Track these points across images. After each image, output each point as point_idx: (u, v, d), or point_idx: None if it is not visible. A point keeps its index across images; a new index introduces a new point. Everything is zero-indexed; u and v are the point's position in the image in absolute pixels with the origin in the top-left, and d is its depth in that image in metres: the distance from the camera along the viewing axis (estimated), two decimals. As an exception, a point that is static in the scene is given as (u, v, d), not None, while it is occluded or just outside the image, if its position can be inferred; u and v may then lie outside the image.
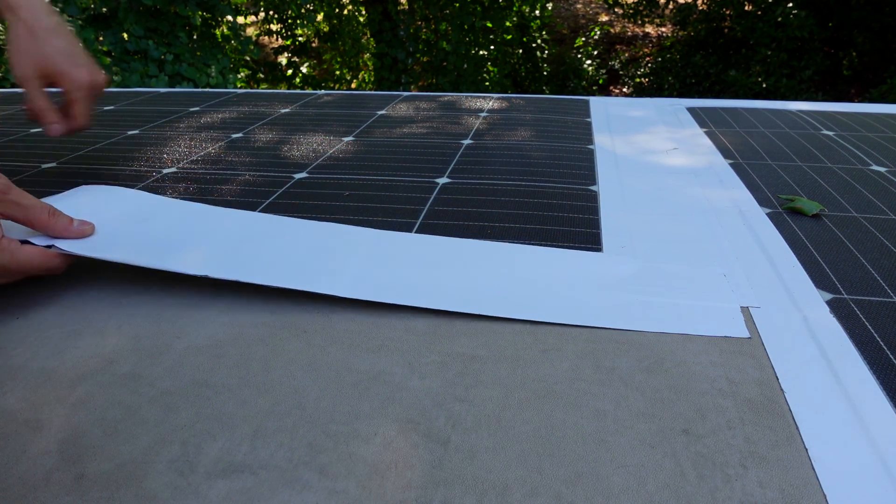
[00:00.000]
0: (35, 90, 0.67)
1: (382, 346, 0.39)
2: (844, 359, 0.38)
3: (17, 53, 0.65)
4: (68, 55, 0.67)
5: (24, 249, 0.43)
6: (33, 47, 0.65)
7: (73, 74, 0.68)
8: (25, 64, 0.65)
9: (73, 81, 0.68)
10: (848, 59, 5.91)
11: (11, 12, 0.65)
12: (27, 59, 0.65)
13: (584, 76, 6.74)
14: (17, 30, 0.65)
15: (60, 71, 0.67)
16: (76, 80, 0.68)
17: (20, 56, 0.65)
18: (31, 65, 0.65)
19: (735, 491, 0.29)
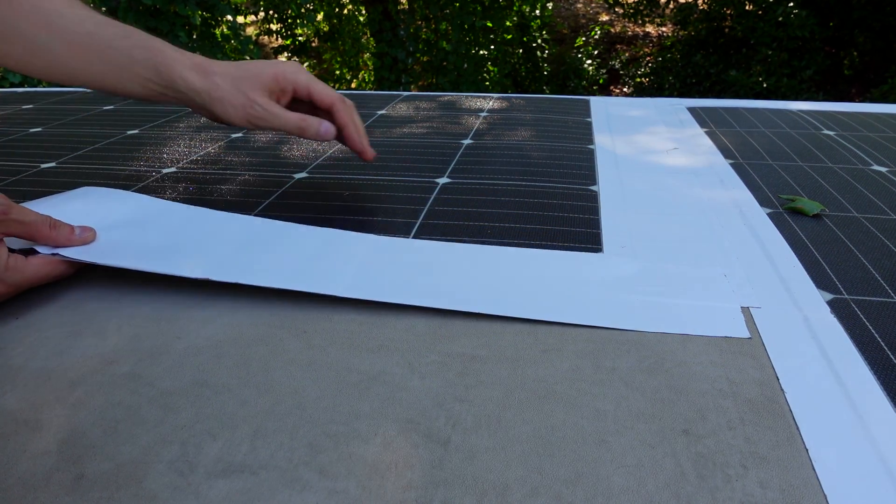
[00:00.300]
0: (272, 105, 0.56)
1: (382, 347, 0.39)
2: (845, 359, 0.38)
3: (226, 92, 0.55)
4: (286, 64, 0.58)
5: (30, 263, 0.44)
6: (239, 72, 0.56)
7: (318, 85, 0.58)
8: (245, 91, 0.55)
9: (322, 92, 0.58)
10: (849, 59, 5.91)
11: (173, 86, 0.55)
12: (245, 85, 0.55)
13: (584, 76, 6.74)
14: (200, 83, 0.55)
15: (297, 80, 0.58)
16: (324, 90, 0.59)
17: (231, 92, 0.55)
18: (257, 86, 0.55)
19: (735, 491, 0.29)
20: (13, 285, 0.43)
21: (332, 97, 0.59)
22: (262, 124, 0.55)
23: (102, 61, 0.54)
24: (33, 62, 0.55)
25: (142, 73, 0.54)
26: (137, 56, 0.54)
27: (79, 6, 0.55)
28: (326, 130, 0.57)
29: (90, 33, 0.54)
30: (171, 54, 0.55)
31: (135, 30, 0.55)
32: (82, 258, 0.46)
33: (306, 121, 0.56)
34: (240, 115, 0.55)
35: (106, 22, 0.55)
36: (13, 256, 0.44)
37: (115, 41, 0.54)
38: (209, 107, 0.55)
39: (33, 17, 0.53)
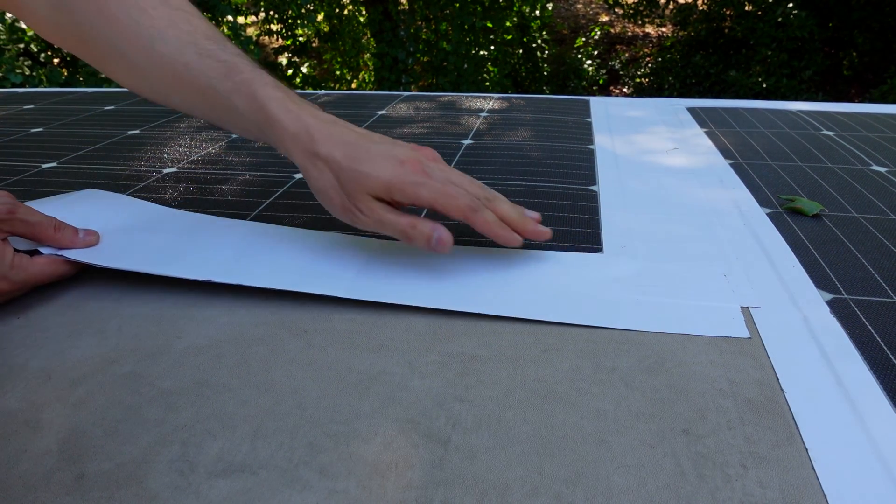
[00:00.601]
0: (376, 211, 0.43)
1: (383, 346, 0.39)
2: (845, 359, 0.38)
3: (327, 186, 0.44)
4: (406, 171, 0.43)
5: (34, 262, 0.45)
6: (348, 164, 0.43)
7: (443, 199, 0.43)
8: (350, 192, 0.43)
9: (448, 206, 0.43)
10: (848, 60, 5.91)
11: (286, 144, 0.45)
12: (351, 186, 0.43)
13: (584, 76, 6.74)
14: (302, 162, 0.45)
15: (417, 197, 0.43)
16: (450, 205, 0.43)
17: (332, 188, 0.44)
18: (365, 191, 0.43)
19: (735, 491, 0.29)
20: (17, 283, 0.44)
21: (461, 211, 0.43)
22: (363, 228, 0.45)
23: (203, 100, 0.47)
24: (139, 85, 0.49)
25: (242, 124, 0.47)
26: (239, 105, 0.46)
27: (183, 25, 0.47)
28: (439, 241, 0.43)
29: (188, 66, 0.46)
30: (276, 114, 0.44)
31: (236, 63, 0.46)
32: (85, 260, 0.46)
33: (416, 228, 0.43)
34: (338, 214, 0.45)
35: (208, 52, 0.46)
36: (18, 255, 0.44)
37: (216, 81, 0.46)
38: (309, 186, 0.46)
39: (132, 36, 0.46)
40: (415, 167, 0.43)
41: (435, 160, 0.46)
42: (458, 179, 0.45)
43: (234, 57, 0.47)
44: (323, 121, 0.45)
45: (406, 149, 0.45)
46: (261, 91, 0.45)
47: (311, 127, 0.44)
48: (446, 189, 0.43)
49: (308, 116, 0.45)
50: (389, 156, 0.43)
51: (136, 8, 0.46)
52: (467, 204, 0.43)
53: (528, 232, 0.46)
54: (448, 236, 0.43)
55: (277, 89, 0.46)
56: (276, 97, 0.45)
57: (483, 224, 0.44)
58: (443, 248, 0.43)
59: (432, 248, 0.43)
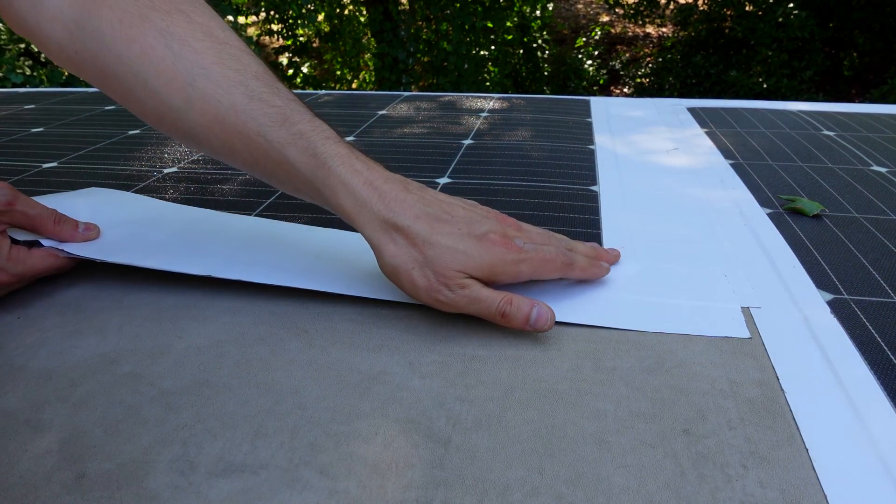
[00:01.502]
0: (468, 288, 0.39)
1: (383, 346, 0.39)
2: (845, 359, 0.38)
3: (408, 263, 0.39)
4: (502, 250, 0.40)
5: (33, 255, 0.45)
6: (436, 240, 0.39)
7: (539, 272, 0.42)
8: (438, 270, 0.39)
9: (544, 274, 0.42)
10: (848, 60, 5.91)
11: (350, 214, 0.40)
12: (437, 264, 0.39)
13: (584, 76, 6.73)
14: (375, 238, 0.40)
15: (518, 274, 0.41)
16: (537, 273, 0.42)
17: (414, 266, 0.39)
18: (457, 268, 0.39)
19: (736, 491, 0.29)
20: (16, 275, 0.44)
21: (560, 271, 0.42)
22: (446, 310, 0.40)
23: (249, 149, 0.40)
24: (172, 128, 0.42)
25: (295, 182, 0.41)
26: (294, 159, 0.39)
27: (230, 62, 0.40)
28: (539, 318, 0.39)
29: (235, 108, 0.39)
30: (341, 175, 0.39)
31: (292, 110, 0.40)
32: (85, 254, 0.46)
33: (513, 304, 0.39)
34: (420, 294, 0.39)
35: (260, 95, 0.40)
36: (15, 247, 0.44)
37: (268, 129, 0.39)
38: (379, 261, 0.40)
39: (169, 71, 0.39)
40: (506, 245, 0.40)
41: (517, 228, 0.43)
42: (540, 239, 0.43)
43: (288, 102, 0.41)
44: (397, 186, 0.40)
45: (490, 221, 0.41)
46: (322, 146, 0.39)
47: (385, 193, 0.39)
48: (541, 257, 0.41)
49: (380, 180, 0.40)
50: (480, 235, 0.40)
51: (177, 39, 0.40)
52: (563, 261, 0.42)
53: (611, 260, 0.48)
54: (548, 313, 0.39)
55: (340, 145, 0.40)
56: (340, 154, 0.40)
57: (581, 272, 0.44)
58: (542, 325, 0.39)
59: (531, 326, 0.39)
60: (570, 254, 0.43)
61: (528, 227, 0.44)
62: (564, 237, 0.46)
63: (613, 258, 0.48)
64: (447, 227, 0.39)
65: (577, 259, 0.44)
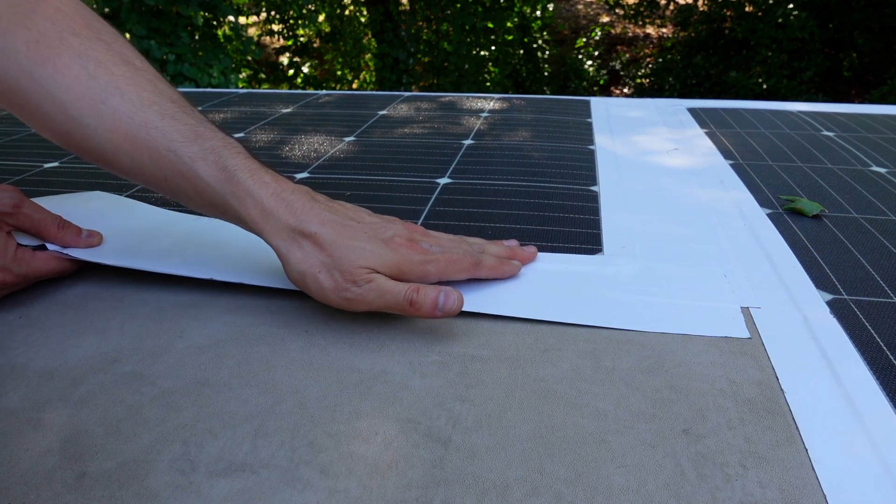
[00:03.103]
0: (373, 280, 0.40)
1: (383, 346, 0.39)
2: (844, 359, 0.38)
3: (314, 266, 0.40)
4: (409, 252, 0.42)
5: (37, 257, 0.45)
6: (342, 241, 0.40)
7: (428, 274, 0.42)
8: (344, 268, 0.39)
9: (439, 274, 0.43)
10: (848, 61, 5.91)
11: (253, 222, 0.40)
12: (345, 264, 0.39)
13: (584, 77, 6.74)
14: (283, 248, 0.40)
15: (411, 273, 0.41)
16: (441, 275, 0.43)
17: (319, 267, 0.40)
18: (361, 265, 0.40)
19: (735, 491, 0.29)
20: (19, 276, 0.44)
21: (468, 271, 0.44)
22: (353, 309, 0.40)
23: (158, 165, 0.40)
24: (78, 143, 0.42)
25: (204, 197, 0.41)
26: (204, 173, 0.40)
27: (146, 85, 0.41)
28: (447, 301, 0.39)
29: (147, 125, 0.40)
30: (249, 186, 0.40)
31: (204, 129, 0.41)
32: (89, 258, 0.47)
33: (420, 291, 0.39)
34: (328, 295, 0.40)
35: (173, 114, 0.41)
36: (21, 248, 0.44)
37: (179, 144, 0.40)
38: (285, 269, 0.41)
39: (82, 89, 0.40)
40: (413, 247, 0.42)
41: (424, 234, 0.45)
42: (449, 244, 0.45)
43: (202, 122, 0.42)
44: (304, 196, 0.41)
45: (397, 226, 0.43)
46: (232, 160, 0.40)
47: (292, 203, 0.40)
48: (448, 258, 0.43)
49: (288, 192, 0.41)
50: (386, 238, 0.41)
51: (94, 62, 0.41)
52: (470, 262, 0.44)
53: (525, 258, 0.48)
54: (455, 295, 0.39)
55: (250, 160, 0.42)
56: (248, 167, 0.41)
57: (489, 269, 0.45)
58: (451, 308, 0.39)
59: (440, 310, 0.39)
60: (478, 254, 0.45)
61: (436, 234, 0.46)
62: (479, 240, 0.48)
63: (528, 256, 0.49)
64: (354, 231, 0.40)
65: (485, 259, 0.45)
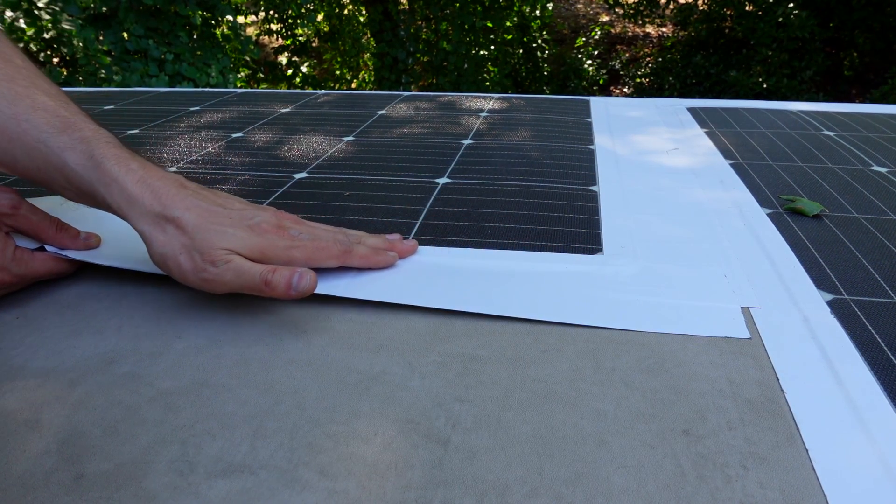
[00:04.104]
0: (241, 259, 0.40)
1: (382, 347, 0.39)
2: (845, 359, 0.38)
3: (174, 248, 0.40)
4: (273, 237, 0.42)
5: (36, 257, 0.45)
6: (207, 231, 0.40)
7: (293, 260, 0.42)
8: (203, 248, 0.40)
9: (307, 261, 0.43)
10: (849, 60, 5.91)
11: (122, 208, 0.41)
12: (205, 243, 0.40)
13: (584, 76, 6.74)
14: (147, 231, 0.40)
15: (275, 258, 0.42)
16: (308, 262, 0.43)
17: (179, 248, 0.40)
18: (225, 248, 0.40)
19: (735, 491, 0.29)
20: (18, 276, 0.44)
21: (337, 257, 0.44)
22: (212, 289, 0.41)
23: (29, 156, 0.42)
24: None
25: (74, 185, 0.42)
26: (72, 162, 0.41)
27: (21, 80, 0.43)
28: (300, 280, 0.40)
29: (17, 118, 0.41)
30: (115, 174, 0.40)
31: (76, 121, 0.42)
32: (88, 260, 0.47)
33: (276, 272, 0.40)
34: (188, 276, 0.40)
35: (45, 107, 0.42)
36: (19, 249, 0.44)
37: (49, 135, 0.41)
38: (149, 252, 0.41)
39: None
40: (280, 233, 0.43)
41: (296, 221, 0.45)
42: (323, 233, 0.45)
43: (74, 115, 0.43)
44: (172, 182, 0.42)
45: (267, 214, 0.44)
46: (100, 149, 0.41)
47: (158, 189, 0.41)
48: (316, 244, 0.43)
49: (155, 179, 0.41)
50: (253, 224, 0.42)
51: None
52: (340, 249, 0.44)
53: (403, 250, 0.49)
54: (309, 275, 0.40)
55: (120, 149, 0.42)
56: (117, 156, 0.41)
57: (360, 258, 0.46)
58: (305, 287, 0.39)
59: (294, 289, 0.39)
60: (350, 244, 0.45)
61: (311, 223, 0.46)
62: (359, 232, 0.49)
63: (407, 248, 0.49)
64: (218, 216, 0.41)
65: (358, 248, 0.46)
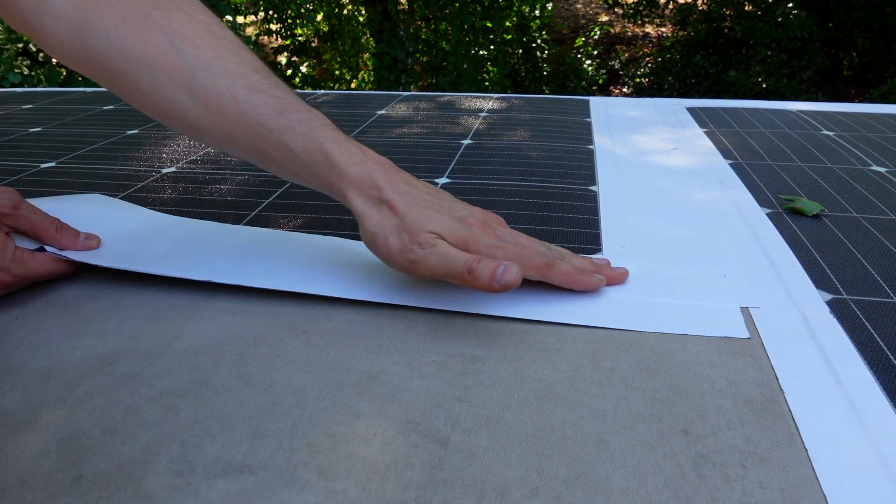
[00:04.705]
0: (437, 244, 0.40)
1: (382, 347, 0.39)
2: (844, 359, 0.38)
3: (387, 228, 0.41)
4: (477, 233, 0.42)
5: (36, 258, 0.45)
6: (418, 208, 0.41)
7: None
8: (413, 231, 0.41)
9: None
10: (848, 60, 5.91)
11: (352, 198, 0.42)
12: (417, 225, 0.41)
13: (584, 76, 6.74)
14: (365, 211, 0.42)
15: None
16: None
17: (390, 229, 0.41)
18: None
19: (735, 491, 0.29)
20: (18, 276, 0.44)
21: (538, 269, 0.43)
22: (418, 272, 0.41)
23: (250, 137, 0.43)
24: (176, 121, 0.44)
25: (293, 167, 0.43)
26: (293, 145, 0.42)
27: (230, 56, 0.43)
28: (506, 272, 0.39)
29: (236, 99, 0.42)
30: (337, 158, 0.42)
31: (290, 101, 0.43)
32: (87, 261, 0.47)
33: (481, 261, 0.39)
34: (395, 255, 0.41)
35: (260, 86, 0.43)
36: (19, 249, 0.44)
37: (268, 118, 0.42)
38: (361, 229, 0.43)
39: (172, 66, 0.42)
40: (486, 230, 0.42)
41: (502, 224, 0.45)
42: (526, 241, 0.44)
43: (286, 94, 0.43)
44: (388, 168, 0.43)
45: (475, 209, 0.44)
46: (319, 132, 0.42)
47: (375, 173, 0.42)
48: (520, 250, 0.42)
49: (373, 163, 0.42)
50: (460, 217, 0.42)
51: (179, 36, 0.42)
52: (543, 261, 0.42)
53: (612, 277, 0.45)
54: (515, 268, 0.39)
55: (336, 131, 0.43)
56: (336, 139, 0.42)
57: (563, 276, 0.43)
58: (510, 280, 0.38)
59: (498, 282, 0.38)
60: (553, 258, 0.43)
61: (516, 232, 0.45)
62: (564, 250, 0.46)
63: (616, 276, 0.45)
64: (429, 203, 0.42)
65: (561, 264, 0.43)
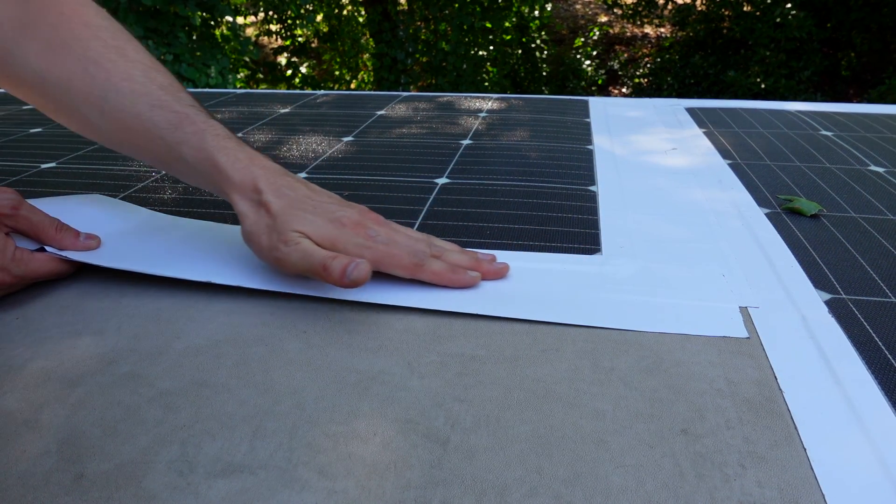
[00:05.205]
0: (308, 243, 0.43)
1: (382, 347, 0.39)
2: (843, 359, 0.38)
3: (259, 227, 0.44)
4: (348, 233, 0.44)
5: (35, 258, 0.45)
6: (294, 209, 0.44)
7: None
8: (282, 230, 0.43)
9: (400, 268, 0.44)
10: (846, 60, 5.92)
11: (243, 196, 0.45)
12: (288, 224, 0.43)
13: (583, 76, 6.74)
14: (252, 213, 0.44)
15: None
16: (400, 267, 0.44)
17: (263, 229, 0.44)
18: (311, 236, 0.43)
19: (734, 491, 0.29)
20: (18, 277, 0.44)
21: (406, 269, 0.44)
22: (282, 268, 0.43)
23: (153, 151, 0.47)
24: (93, 136, 0.50)
25: (193, 176, 0.47)
26: (186, 156, 0.46)
27: (138, 77, 0.47)
28: (356, 268, 0.40)
29: (139, 117, 0.46)
30: (222, 163, 0.45)
31: (189, 115, 0.46)
32: (87, 261, 0.47)
33: (337, 258, 0.41)
34: (263, 253, 0.44)
35: (161, 103, 0.46)
36: (19, 249, 0.44)
37: (165, 132, 0.46)
38: (241, 229, 0.45)
39: (85, 90, 0.47)
40: (358, 230, 0.44)
41: (380, 223, 0.46)
42: (403, 239, 0.45)
43: (187, 108, 0.47)
44: (272, 172, 0.45)
45: (352, 211, 0.45)
46: (210, 142, 0.45)
47: (258, 177, 0.44)
48: (389, 250, 0.44)
49: (257, 168, 0.45)
50: (334, 218, 0.44)
51: (94, 63, 0.47)
52: (411, 261, 0.44)
53: (488, 272, 0.46)
54: (365, 265, 0.40)
55: (229, 140, 0.46)
56: (224, 147, 0.45)
57: (432, 275, 0.44)
58: (359, 276, 0.40)
59: (349, 277, 0.40)
60: (425, 257, 0.44)
61: (397, 227, 0.47)
62: (448, 245, 0.48)
63: (493, 271, 0.46)
64: (304, 205, 0.44)
65: (431, 263, 0.44)
